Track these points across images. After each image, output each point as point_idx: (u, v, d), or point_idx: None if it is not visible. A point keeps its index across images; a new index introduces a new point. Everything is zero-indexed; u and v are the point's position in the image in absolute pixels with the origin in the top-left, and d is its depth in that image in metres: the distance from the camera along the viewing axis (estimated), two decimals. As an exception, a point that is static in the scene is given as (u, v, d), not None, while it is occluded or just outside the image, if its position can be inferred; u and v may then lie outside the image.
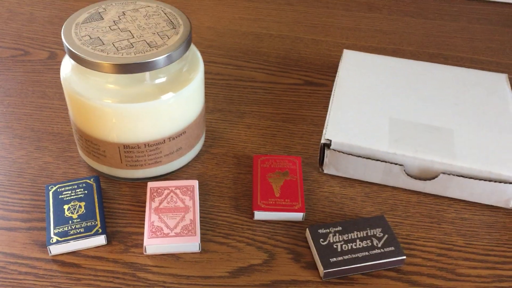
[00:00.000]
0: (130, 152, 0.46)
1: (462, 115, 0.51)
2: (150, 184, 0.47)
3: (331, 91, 0.60)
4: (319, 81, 0.62)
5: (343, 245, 0.43)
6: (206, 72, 0.61)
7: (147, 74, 0.43)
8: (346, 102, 0.52)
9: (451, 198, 0.49)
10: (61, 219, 0.43)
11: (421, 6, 0.77)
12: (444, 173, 0.47)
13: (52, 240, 0.42)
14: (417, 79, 0.55)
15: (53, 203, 0.45)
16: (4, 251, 0.43)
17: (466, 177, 0.46)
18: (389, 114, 0.51)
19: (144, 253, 0.43)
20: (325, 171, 0.50)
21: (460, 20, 0.74)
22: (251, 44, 0.67)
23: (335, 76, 0.62)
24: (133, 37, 0.43)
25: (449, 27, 0.72)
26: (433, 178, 0.47)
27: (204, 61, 0.62)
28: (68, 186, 0.46)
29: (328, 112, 0.51)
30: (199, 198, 0.48)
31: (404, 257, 0.42)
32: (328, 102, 0.59)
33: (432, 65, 0.58)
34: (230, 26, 0.71)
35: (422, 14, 0.75)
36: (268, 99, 0.59)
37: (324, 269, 0.41)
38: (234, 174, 0.50)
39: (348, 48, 0.67)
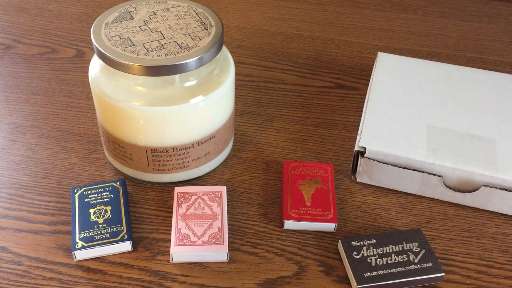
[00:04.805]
0: (157, 156, 0.44)
1: (504, 124, 0.49)
2: (177, 189, 0.45)
3: (363, 95, 0.58)
4: (351, 84, 0.60)
5: (378, 260, 0.41)
6: (235, 74, 0.59)
7: (177, 76, 0.41)
8: (381, 107, 0.50)
9: (492, 211, 0.46)
10: (86, 224, 0.42)
11: (458, 7, 0.74)
12: (485, 185, 0.44)
13: (78, 246, 0.41)
14: (455, 84, 0.53)
15: (78, 206, 0.44)
16: (29, 255, 0.42)
17: (509, 191, 0.44)
18: (427, 121, 0.48)
19: (171, 261, 0.42)
20: (358, 180, 0.48)
21: (499, 23, 0.71)
22: (281, 44, 0.66)
23: (367, 79, 0.60)
24: (164, 38, 0.42)
25: (487, 29, 0.69)
26: (474, 191, 0.45)
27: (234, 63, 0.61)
28: (94, 189, 0.45)
29: (362, 118, 0.49)
30: (227, 204, 0.46)
31: (443, 274, 0.40)
32: (361, 106, 0.57)
33: (471, 70, 0.55)
34: (259, 25, 0.69)
35: (458, 15, 0.72)
36: (298, 102, 0.57)
37: (357, 285, 0.39)
38: (263, 180, 0.49)
39: (381, 50, 0.65)
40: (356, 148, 0.46)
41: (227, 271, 0.41)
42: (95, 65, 0.44)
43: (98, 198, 0.44)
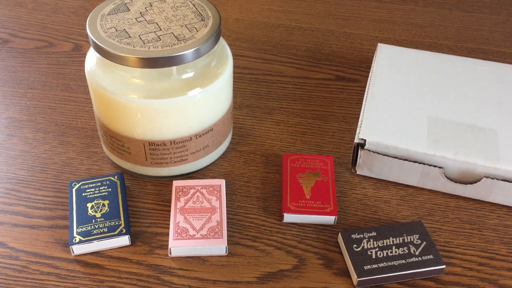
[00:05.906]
0: (155, 150, 0.44)
1: (506, 115, 0.48)
2: (176, 183, 0.45)
3: (364, 87, 0.58)
4: (351, 76, 0.59)
5: (378, 252, 0.40)
6: (233, 66, 0.58)
7: (174, 68, 0.41)
8: (381, 99, 0.49)
9: (493, 203, 0.46)
10: (84, 218, 0.42)
11: (459, -3, 0.73)
12: (487, 177, 0.44)
13: (75, 240, 0.41)
14: (456, 75, 0.52)
15: (76, 201, 0.43)
16: (26, 250, 0.42)
17: (511, 182, 0.43)
18: (427, 112, 0.48)
19: (169, 255, 0.41)
20: (358, 172, 0.48)
21: (500, 13, 0.70)
22: (280, 37, 0.65)
23: (368, 71, 0.60)
24: (160, 30, 0.41)
25: (488, 20, 0.69)
26: (475, 182, 0.44)
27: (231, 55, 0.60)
28: (92, 183, 0.45)
29: (362, 110, 0.48)
30: (226, 198, 0.46)
31: (444, 266, 0.40)
32: (361, 98, 0.56)
33: (472, 61, 0.55)
34: (258, 18, 0.68)
35: (459, 6, 0.71)
36: (297, 95, 0.57)
37: (358, 277, 0.39)
38: (262, 174, 0.48)
39: (382, 41, 0.64)
40: (356, 140, 0.46)
41: (226, 264, 0.41)
42: (91, 58, 0.44)
43: (95, 192, 0.44)
